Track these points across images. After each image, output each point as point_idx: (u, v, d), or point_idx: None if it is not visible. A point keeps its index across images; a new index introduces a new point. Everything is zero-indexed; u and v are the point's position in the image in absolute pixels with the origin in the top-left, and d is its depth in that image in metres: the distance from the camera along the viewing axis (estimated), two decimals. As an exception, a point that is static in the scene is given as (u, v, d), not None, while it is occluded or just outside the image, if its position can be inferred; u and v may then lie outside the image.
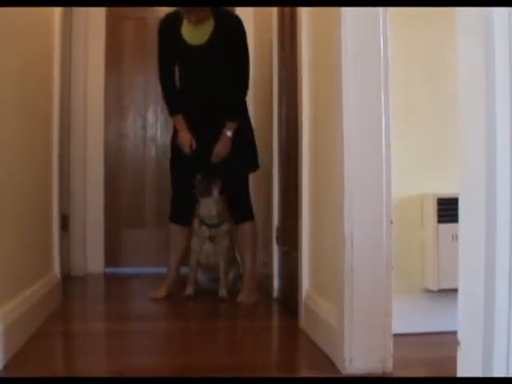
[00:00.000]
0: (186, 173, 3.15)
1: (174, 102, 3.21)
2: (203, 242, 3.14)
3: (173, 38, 3.09)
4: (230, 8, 3.35)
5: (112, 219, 4.12)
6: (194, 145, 3.13)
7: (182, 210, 3.21)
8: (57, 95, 3.03)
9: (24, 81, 2.39)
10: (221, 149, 3.11)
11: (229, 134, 3.10)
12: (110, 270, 4.11)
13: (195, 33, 3.06)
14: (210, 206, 3.09)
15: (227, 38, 3.06)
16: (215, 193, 3.09)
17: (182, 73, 3.19)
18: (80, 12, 4.00)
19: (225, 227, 3.15)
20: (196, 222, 3.14)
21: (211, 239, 3.14)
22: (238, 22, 3.09)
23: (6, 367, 1.91)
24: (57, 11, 3.03)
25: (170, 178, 3.28)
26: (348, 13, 1.92)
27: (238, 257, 3.33)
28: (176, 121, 3.20)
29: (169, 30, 3.11)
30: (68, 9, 3.67)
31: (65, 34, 3.35)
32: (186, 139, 3.13)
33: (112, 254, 4.13)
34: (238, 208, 3.21)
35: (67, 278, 3.58)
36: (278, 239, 3.22)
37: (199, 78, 3.12)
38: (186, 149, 3.12)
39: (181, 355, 2.20)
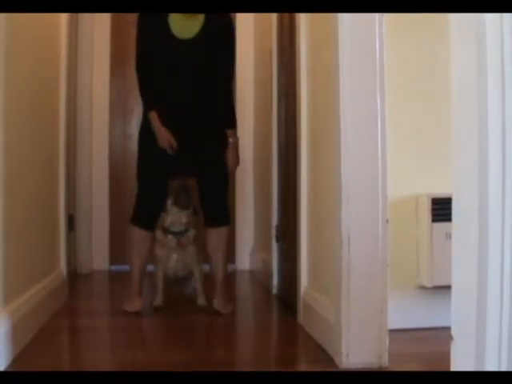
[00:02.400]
0: (159, 174, 2.81)
1: (151, 95, 2.84)
2: (170, 252, 2.81)
3: (158, 29, 2.78)
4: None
5: (116, 218, 4.11)
6: (175, 144, 2.76)
7: (149, 214, 2.82)
8: (63, 97, 3.03)
9: (32, 84, 2.39)
10: (232, 158, 2.92)
11: (233, 140, 2.93)
12: (114, 267, 4.11)
13: (184, 25, 2.79)
14: (180, 215, 2.79)
15: (216, 34, 2.81)
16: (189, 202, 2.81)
17: (164, 67, 2.82)
18: (86, 17, 4.00)
19: (191, 233, 2.84)
20: (159, 232, 2.81)
21: (181, 248, 2.82)
22: (229, 20, 2.88)
23: (14, 361, 1.92)
24: (63, 17, 3.03)
25: (138, 178, 2.88)
26: (345, 19, 1.92)
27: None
28: (153, 117, 2.79)
29: (152, 22, 2.79)
30: (74, 14, 3.68)
31: (71, 39, 3.35)
32: (167, 138, 2.76)
33: (116, 252, 4.12)
34: (216, 211, 2.87)
35: (73, 275, 3.58)
36: (277, 237, 3.22)
37: (182, 74, 2.81)
38: (169, 150, 2.75)
39: (182, 350, 2.19)
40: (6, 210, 1.95)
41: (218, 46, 2.82)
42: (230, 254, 4.09)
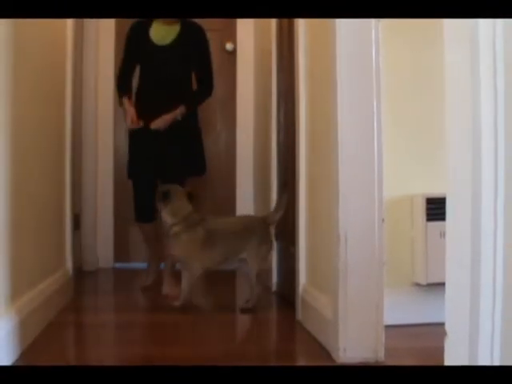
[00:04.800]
0: (143, 177, 3.16)
1: (124, 85, 3.22)
2: None
3: (140, 39, 3.16)
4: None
5: (121, 218, 4.11)
6: (141, 122, 3.07)
7: (146, 210, 3.15)
8: (69, 100, 3.02)
9: (38, 86, 2.39)
10: (162, 119, 3.08)
11: (178, 112, 3.09)
12: (119, 265, 4.11)
13: (162, 33, 3.15)
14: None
15: (190, 43, 3.16)
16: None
17: (145, 71, 3.20)
18: (91, 22, 4.00)
19: None
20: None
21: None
22: (201, 31, 3.21)
23: (21, 356, 1.92)
24: (69, 21, 3.03)
25: (132, 181, 3.23)
26: (342, 24, 1.92)
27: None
28: (125, 101, 3.13)
29: (137, 32, 3.18)
30: (79, 20, 3.67)
31: (76, 43, 3.34)
32: (133, 114, 3.07)
33: (121, 250, 4.13)
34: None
35: (79, 272, 3.58)
36: (276, 236, 3.22)
37: (160, 77, 3.14)
38: (134, 124, 3.07)
39: (184, 345, 2.20)
40: (15, 210, 1.95)
41: (194, 50, 3.17)
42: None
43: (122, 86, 3.24)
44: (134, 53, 3.22)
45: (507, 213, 1.01)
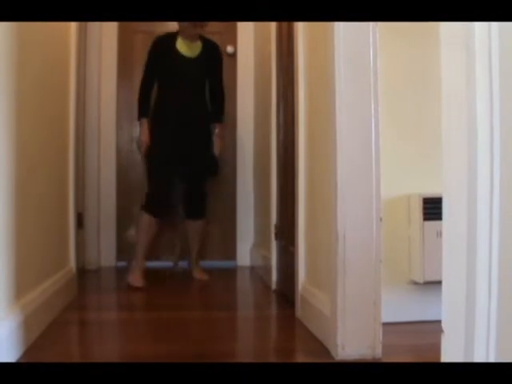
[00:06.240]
0: (164, 172, 3.39)
1: (147, 105, 3.45)
2: None
3: (168, 52, 3.42)
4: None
5: (123, 217, 4.12)
6: (144, 150, 3.43)
7: (158, 202, 3.36)
8: (72, 101, 3.03)
9: (42, 87, 2.39)
10: (220, 144, 3.59)
11: (218, 132, 3.57)
12: (121, 263, 4.11)
13: (189, 48, 3.46)
14: None
15: (211, 57, 3.52)
16: None
17: (169, 83, 3.43)
18: (94, 26, 4.00)
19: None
20: None
21: None
22: (218, 48, 3.60)
23: (25, 353, 1.92)
24: (73, 25, 3.03)
25: (148, 175, 3.44)
26: (340, 27, 1.92)
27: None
28: (143, 123, 3.43)
29: (164, 45, 3.44)
30: (83, 23, 3.68)
31: (80, 47, 3.34)
32: (146, 141, 3.40)
33: (123, 249, 4.13)
34: (197, 206, 3.54)
35: (82, 271, 3.58)
36: (276, 235, 3.22)
37: (188, 85, 3.45)
38: (142, 150, 3.42)
39: (185, 342, 2.20)
40: (19, 210, 1.96)
41: (213, 66, 3.55)
42: (232, 251, 4.11)
43: (145, 103, 3.44)
44: (160, 65, 3.43)
45: (502, 212, 1.01)
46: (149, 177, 3.42)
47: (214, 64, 3.56)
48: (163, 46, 3.44)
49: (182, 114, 3.41)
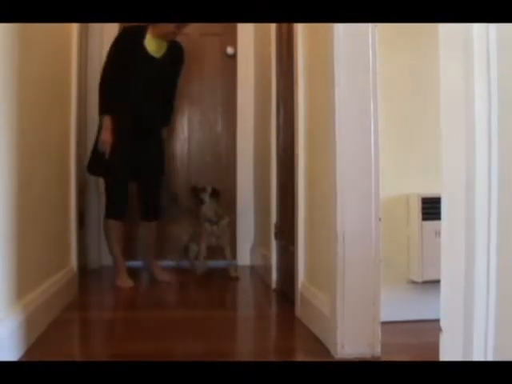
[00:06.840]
0: (124, 174, 3.28)
1: (110, 101, 3.22)
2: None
3: (134, 47, 3.24)
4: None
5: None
6: (107, 151, 3.21)
7: (119, 207, 3.30)
8: (74, 101, 3.03)
9: (44, 89, 2.39)
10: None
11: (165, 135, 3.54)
12: (122, 263, 4.10)
13: (156, 46, 3.29)
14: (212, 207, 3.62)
15: (175, 60, 3.41)
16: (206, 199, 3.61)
17: (135, 80, 3.27)
18: (96, 26, 4.00)
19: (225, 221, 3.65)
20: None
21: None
22: (183, 50, 3.47)
23: (27, 352, 1.92)
24: (74, 25, 3.03)
25: (105, 180, 3.35)
26: (340, 28, 1.92)
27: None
28: (105, 120, 3.20)
29: (131, 39, 3.25)
30: (84, 24, 3.67)
31: (82, 46, 3.34)
32: (109, 141, 3.20)
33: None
34: (151, 207, 3.45)
35: (84, 270, 3.58)
36: (276, 235, 3.22)
37: (150, 86, 3.31)
38: (107, 150, 3.20)
39: (186, 341, 2.20)
40: (21, 209, 1.96)
41: (175, 66, 3.44)
42: (232, 251, 4.11)
43: (108, 99, 3.21)
44: (123, 60, 3.23)
45: (501, 212, 1.01)
46: (108, 182, 3.32)
47: (177, 67, 3.45)
48: (130, 40, 3.25)
49: (138, 115, 3.27)
